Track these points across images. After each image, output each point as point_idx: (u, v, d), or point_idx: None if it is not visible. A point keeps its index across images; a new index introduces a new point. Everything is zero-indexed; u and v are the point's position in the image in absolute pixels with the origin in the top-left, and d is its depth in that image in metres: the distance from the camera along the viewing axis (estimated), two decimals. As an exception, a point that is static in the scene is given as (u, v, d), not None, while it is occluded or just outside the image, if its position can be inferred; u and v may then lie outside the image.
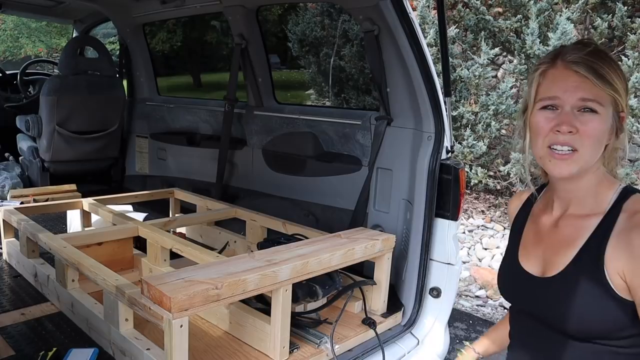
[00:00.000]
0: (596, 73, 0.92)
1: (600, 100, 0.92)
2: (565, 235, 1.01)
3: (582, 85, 0.92)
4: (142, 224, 2.15)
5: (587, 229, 0.98)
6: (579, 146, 0.93)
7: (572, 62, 0.94)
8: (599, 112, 0.92)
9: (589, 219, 0.99)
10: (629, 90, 4.88)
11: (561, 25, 5.01)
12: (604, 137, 0.94)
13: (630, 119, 4.97)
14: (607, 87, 0.92)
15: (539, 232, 1.09)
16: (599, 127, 0.93)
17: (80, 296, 1.77)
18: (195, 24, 6.56)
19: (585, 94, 0.92)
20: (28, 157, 3.54)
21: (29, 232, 2.06)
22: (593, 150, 0.94)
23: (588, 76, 0.92)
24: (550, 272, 1.01)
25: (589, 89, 0.92)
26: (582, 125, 0.92)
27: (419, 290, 1.96)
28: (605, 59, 0.95)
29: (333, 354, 1.61)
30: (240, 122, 3.00)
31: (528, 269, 1.07)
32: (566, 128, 0.92)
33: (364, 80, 6.12)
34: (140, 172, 3.79)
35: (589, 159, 0.94)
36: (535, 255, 1.07)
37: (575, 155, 0.93)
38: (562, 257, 0.99)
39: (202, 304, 1.35)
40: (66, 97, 3.29)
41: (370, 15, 2.06)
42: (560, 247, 1.01)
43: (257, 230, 2.32)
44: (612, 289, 0.91)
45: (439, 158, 1.96)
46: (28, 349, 1.57)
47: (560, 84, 0.94)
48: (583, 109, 0.93)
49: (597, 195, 0.99)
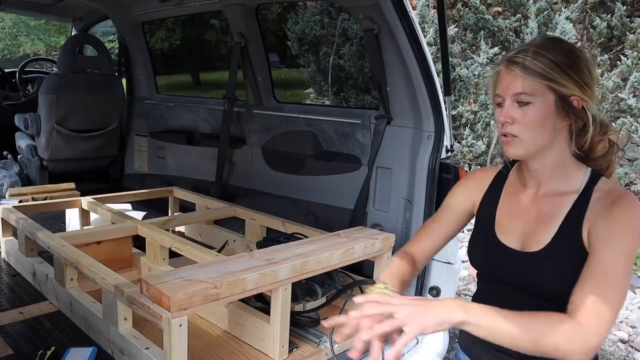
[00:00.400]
0: (525, 69, 1.05)
1: (531, 92, 1.05)
2: (544, 212, 1.11)
3: (514, 82, 1.06)
4: (141, 223, 2.15)
5: (564, 205, 1.09)
6: (518, 133, 1.07)
7: (509, 62, 1.08)
8: (532, 102, 1.05)
9: (565, 197, 1.09)
10: (630, 88, 4.89)
11: (560, 24, 5.01)
12: (546, 121, 1.06)
13: (628, 118, 4.97)
14: (538, 78, 1.04)
15: (515, 208, 1.17)
16: (534, 114, 1.05)
17: (79, 295, 1.76)
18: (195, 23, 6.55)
19: (517, 89, 1.06)
20: (27, 156, 3.53)
21: (27, 231, 2.05)
22: (534, 134, 1.06)
23: (518, 73, 1.05)
24: (532, 247, 1.10)
25: (520, 84, 1.05)
26: (520, 116, 1.06)
27: (419, 290, 1.96)
28: (541, 52, 1.05)
29: (332, 354, 1.61)
30: (239, 121, 3.00)
31: (506, 243, 1.15)
32: (503, 120, 1.08)
33: (363, 79, 6.12)
34: (139, 171, 3.79)
35: (532, 142, 1.07)
36: (513, 231, 1.15)
37: (516, 140, 1.08)
38: (544, 233, 1.09)
39: (202, 303, 1.34)
40: (65, 96, 3.28)
41: (370, 14, 2.05)
42: (540, 223, 1.11)
43: (257, 229, 2.32)
44: None
45: (439, 157, 1.96)
46: (26, 348, 1.56)
47: (502, 84, 1.09)
48: (518, 102, 1.06)
49: (567, 175, 1.11)
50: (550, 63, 1.04)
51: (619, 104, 5.08)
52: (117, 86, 3.58)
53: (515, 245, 1.14)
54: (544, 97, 1.05)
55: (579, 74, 1.04)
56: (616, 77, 5.06)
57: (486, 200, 1.24)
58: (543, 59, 1.04)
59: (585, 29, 5.68)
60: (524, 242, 1.13)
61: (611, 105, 5.14)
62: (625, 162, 5.37)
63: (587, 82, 1.05)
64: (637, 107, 4.99)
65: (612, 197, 1.04)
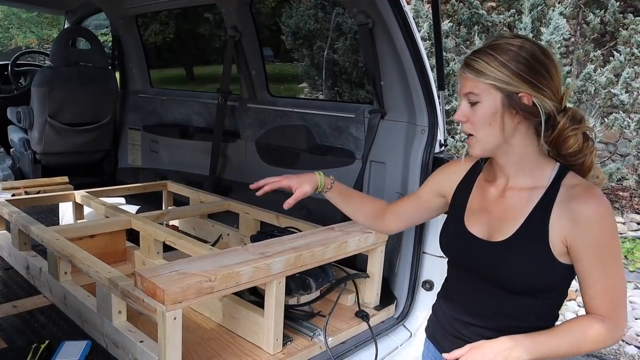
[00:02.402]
0: (471, 68, 1.08)
1: (476, 91, 1.08)
2: (511, 204, 1.14)
3: (464, 83, 1.10)
4: (135, 217, 2.15)
5: (531, 199, 1.11)
6: (472, 131, 1.12)
7: (462, 64, 1.12)
8: (479, 100, 1.08)
9: (533, 191, 1.12)
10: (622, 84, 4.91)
11: (554, 20, 5.02)
12: (494, 119, 1.08)
13: (621, 114, 5.00)
14: (481, 78, 1.07)
15: (484, 200, 1.21)
16: (482, 113, 1.09)
17: (73, 289, 1.76)
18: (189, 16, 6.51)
19: (465, 89, 1.10)
20: (19, 149, 3.51)
21: (20, 225, 2.04)
22: (486, 132, 1.09)
23: (465, 74, 1.10)
24: (497, 237, 1.14)
25: (468, 84, 1.09)
26: (471, 115, 1.10)
27: (412, 283, 1.98)
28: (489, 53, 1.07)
29: (326, 347, 1.62)
30: (233, 115, 2.99)
31: (473, 232, 1.19)
32: (457, 118, 1.12)
33: (357, 74, 6.11)
34: (133, 165, 3.77)
35: (485, 139, 1.10)
36: (481, 221, 1.19)
37: (473, 139, 1.12)
38: (510, 224, 1.12)
39: (196, 297, 1.35)
40: (58, 89, 3.26)
41: (364, 9, 2.05)
42: (507, 215, 1.14)
43: (251, 223, 2.32)
44: (552, 254, 1.07)
45: (433, 152, 1.96)
46: (20, 342, 1.56)
47: (459, 85, 1.13)
48: (469, 102, 1.10)
49: (534, 171, 1.13)
50: (496, 63, 1.06)
51: (611, 99, 5.10)
52: (110, 79, 3.56)
53: (481, 235, 1.17)
54: (490, 96, 1.07)
55: (529, 73, 1.05)
56: (609, 72, 5.08)
57: (459, 190, 1.28)
58: (489, 59, 1.06)
59: (578, 24, 5.70)
60: (490, 232, 1.16)
61: (604, 101, 5.16)
62: (618, 157, 5.41)
63: (538, 79, 1.05)
64: (629, 102, 5.02)
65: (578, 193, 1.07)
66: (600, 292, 1.07)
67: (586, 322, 1.08)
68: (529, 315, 1.13)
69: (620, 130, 5.23)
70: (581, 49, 5.53)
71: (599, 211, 1.04)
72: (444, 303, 1.28)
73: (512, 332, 1.11)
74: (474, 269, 1.18)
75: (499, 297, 1.13)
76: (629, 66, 5.06)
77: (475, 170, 1.27)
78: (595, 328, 1.06)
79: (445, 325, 1.26)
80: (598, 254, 1.05)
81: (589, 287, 1.07)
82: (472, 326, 1.19)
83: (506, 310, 1.14)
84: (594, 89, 5.06)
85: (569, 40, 5.53)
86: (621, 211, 5.02)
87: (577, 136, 1.09)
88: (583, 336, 1.07)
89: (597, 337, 1.06)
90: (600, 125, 5.09)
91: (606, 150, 5.63)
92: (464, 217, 1.22)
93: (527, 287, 1.09)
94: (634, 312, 3.55)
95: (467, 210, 1.23)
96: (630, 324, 3.44)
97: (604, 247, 1.05)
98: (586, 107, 5.23)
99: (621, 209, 5.04)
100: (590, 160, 1.12)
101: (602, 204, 1.05)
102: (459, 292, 1.24)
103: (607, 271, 1.06)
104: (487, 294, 1.15)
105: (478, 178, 1.26)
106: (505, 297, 1.13)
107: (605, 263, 1.06)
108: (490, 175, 1.22)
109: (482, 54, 1.08)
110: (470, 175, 1.28)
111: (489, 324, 1.15)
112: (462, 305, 1.22)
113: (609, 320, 1.06)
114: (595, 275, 1.06)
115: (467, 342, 1.15)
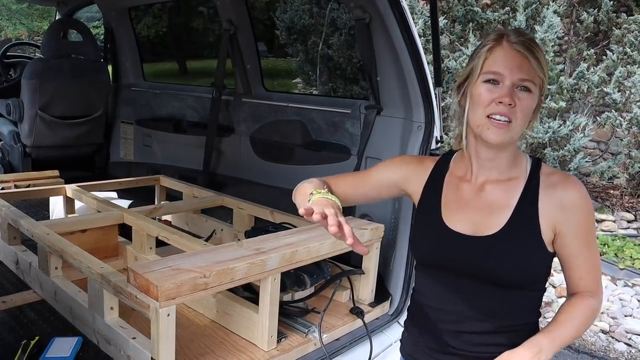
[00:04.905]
0: (534, 56, 1.05)
1: (534, 81, 1.05)
2: (494, 198, 1.13)
3: (523, 65, 1.04)
4: (127, 211, 2.12)
5: (515, 190, 1.11)
6: (514, 118, 1.05)
7: (517, 43, 1.05)
8: (532, 91, 1.05)
9: (514, 182, 1.12)
10: (615, 82, 4.94)
11: (548, 18, 5.03)
12: (531, 113, 1.08)
13: (613, 113, 5.03)
14: (540, 71, 1.05)
15: (461, 196, 1.17)
16: (531, 104, 1.06)
17: (64, 284, 1.74)
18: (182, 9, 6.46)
19: (524, 74, 1.04)
20: (9, 142, 3.46)
21: (10, 219, 2.01)
22: (523, 123, 1.07)
23: (528, 57, 1.04)
24: (485, 231, 1.11)
25: (527, 69, 1.04)
26: (519, 101, 1.04)
27: (407, 280, 1.97)
28: (538, 45, 1.08)
29: (321, 343, 1.61)
30: (228, 110, 2.96)
31: (456, 229, 1.14)
32: (508, 100, 1.04)
33: (351, 69, 6.09)
34: (125, 159, 3.73)
35: (519, 130, 1.07)
36: (462, 218, 1.15)
37: (510, 126, 1.05)
38: (497, 218, 1.11)
39: (190, 293, 1.33)
40: (49, 81, 3.21)
41: (361, 3, 2.03)
42: (492, 209, 1.12)
43: (245, 219, 2.30)
44: (543, 242, 1.08)
45: (429, 148, 1.96)
46: (9, 338, 1.54)
47: (505, 62, 1.04)
48: (521, 87, 1.04)
49: (513, 163, 1.13)
50: (544, 60, 1.07)
51: (604, 98, 5.13)
52: (102, 72, 3.52)
53: (466, 231, 1.13)
54: (537, 89, 1.07)
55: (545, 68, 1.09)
56: (601, 71, 5.10)
57: (428, 190, 1.22)
58: (542, 56, 1.06)
59: (572, 23, 5.71)
60: (475, 227, 1.13)
61: (596, 100, 5.19)
62: (609, 156, 5.44)
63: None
64: (621, 101, 5.05)
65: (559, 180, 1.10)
66: (588, 272, 1.12)
67: (582, 303, 1.12)
68: (520, 311, 1.12)
69: (612, 129, 5.26)
70: (574, 48, 5.55)
71: (582, 196, 1.09)
72: (424, 315, 1.20)
73: (505, 332, 1.10)
74: (461, 269, 1.12)
75: (490, 294, 1.11)
76: (621, 65, 5.09)
77: (441, 169, 1.23)
78: (591, 306, 1.11)
79: (429, 341, 1.19)
80: (585, 236, 1.10)
81: (577, 269, 1.12)
82: (464, 334, 1.13)
83: (497, 308, 1.11)
84: (587, 88, 5.09)
85: (562, 39, 5.55)
86: (612, 209, 5.05)
87: None
88: (584, 317, 1.11)
89: (594, 313, 1.12)
90: (593, 123, 5.11)
91: (598, 148, 5.66)
92: (442, 216, 1.16)
93: (518, 279, 1.09)
94: (624, 310, 3.58)
95: (442, 209, 1.17)
96: (620, 320, 3.47)
97: (589, 229, 1.10)
98: (579, 105, 5.25)
99: (612, 207, 5.07)
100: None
101: (583, 188, 1.10)
102: (443, 299, 1.16)
103: (591, 250, 1.11)
104: (476, 293, 1.12)
105: (447, 175, 1.21)
106: (496, 294, 1.10)
107: (589, 243, 1.11)
108: (460, 171, 1.19)
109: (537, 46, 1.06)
110: (435, 173, 1.23)
111: (482, 327, 1.11)
112: (449, 312, 1.15)
113: (596, 293, 1.13)
114: (583, 256, 1.11)
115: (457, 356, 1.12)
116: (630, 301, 3.66)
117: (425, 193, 1.23)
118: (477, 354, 1.12)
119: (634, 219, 4.97)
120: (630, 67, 5.04)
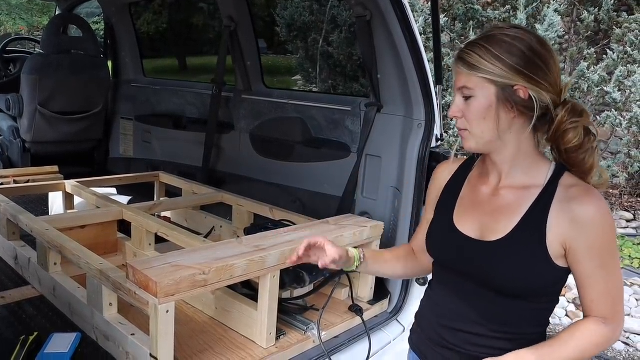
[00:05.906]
0: (464, 62, 1.06)
1: (470, 85, 1.05)
2: (506, 203, 1.11)
3: (458, 77, 1.08)
4: (126, 207, 2.12)
5: (528, 198, 1.08)
6: (466, 126, 1.09)
7: (455, 58, 1.09)
8: (473, 95, 1.06)
9: (529, 190, 1.08)
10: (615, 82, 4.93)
11: (548, 17, 5.03)
12: (488, 114, 1.05)
13: (613, 112, 5.02)
14: (475, 71, 1.04)
15: (476, 198, 1.17)
16: (476, 107, 1.06)
17: (63, 280, 1.73)
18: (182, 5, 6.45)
19: (459, 83, 1.07)
20: (8, 138, 3.45)
21: (9, 214, 2.01)
22: (481, 127, 1.07)
23: (459, 68, 1.07)
24: (490, 237, 1.10)
25: (461, 78, 1.07)
26: (465, 109, 1.07)
27: (406, 280, 1.97)
28: (483, 46, 1.04)
29: (320, 341, 1.61)
30: (228, 106, 2.96)
31: (464, 231, 1.14)
32: (452, 114, 1.10)
33: (352, 67, 6.08)
34: (125, 155, 3.73)
35: (479, 134, 1.07)
36: (472, 220, 1.15)
37: (467, 133, 1.09)
38: (505, 223, 1.08)
39: (189, 290, 1.33)
40: (49, 77, 3.21)
41: (362, 1, 2.03)
42: (501, 214, 1.10)
43: (244, 216, 2.30)
44: (549, 255, 1.03)
45: (429, 146, 1.95)
46: (8, 333, 1.54)
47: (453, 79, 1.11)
48: (464, 97, 1.08)
49: (529, 169, 1.10)
50: (490, 56, 1.03)
51: (604, 97, 5.12)
52: (102, 68, 3.51)
53: (473, 234, 1.13)
54: (484, 90, 1.04)
55: (525, 65, 1.01)
56: (602, 70, 5.10)
57: (448, 189, 1.24)
58: (483, 52, 1.03)
59: (572, 22, 5.70)
60: (482, 232, 1.12)
61: (596, 99, 5.18)
62: (609, 155, 5.44)
63: (535, 72, 1.02)
64: (621, 101, 5.05)
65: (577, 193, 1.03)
66: (601, 295, 1.04)
67: (589, 328, 1.06)
68: (520, 320, 1.10)
69: (612, 128, 5.25)
70: (575, 47, 5.54)
71: (600, 212, 1.02)
72: (429, 309, 1.24)
73: (501, 339, 1.09)
74: (465, 271, 1.13)
75: (490, 300, 1.09)
76: (621, 64, 5.08)
77: (466, 168, 1.24)
78: (599, 332, 1.05)
79: (431, 334, 1.20)
80: (599, 257, 1.03)
81: (590, 290, 1.05)
82: (460, 333, 1.13)
83: (496, 315, 1.10)
84: (587, 87, 5.08)
85: (563, 38, 5.54)
86: (611, 209, 5.06)
87: (577, 130, 1.04)
88: (587, 342, 1.05)
89: (602, 340, 1.05)
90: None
91: (597, 147, 5.66)
92: (454, 217, 1.18)
93: (519, 289, 1.06)
94: (623, 309, 3.58)
95: (456, 209, 1.18)
96: (619, 320, 3.47)
97: (605, 249, 1.03)
98: (579, 104, 5.24)
99: (611, 207, 5.08)
100: (591, 158, 1.07)
101: (603, 205, 1.02)
102: (446, 296, 1.18)
103: (608, 273, 1.04)
104: (477, 296, 1.11)
105: (469, 175, 1.22)
106: (496, 300, 1.09)
107: (606, 265, 1.03)
108: (482, 172, 1.19)
109: (476, 47, 1.04)
110: (459, 173, 1.24)
111: (478, 330, 1.11)
112: (449, 310, 1.16)
113: (611, 321, 1.05)
114: (596, 277, 1.04)
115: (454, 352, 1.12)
116: (628, 300, 3.66)
117: (445, 192, 1.24)
118: (473, 353, 1.12)
119: (633, 218, 4.98)
120: (631, 67, 5.03)
